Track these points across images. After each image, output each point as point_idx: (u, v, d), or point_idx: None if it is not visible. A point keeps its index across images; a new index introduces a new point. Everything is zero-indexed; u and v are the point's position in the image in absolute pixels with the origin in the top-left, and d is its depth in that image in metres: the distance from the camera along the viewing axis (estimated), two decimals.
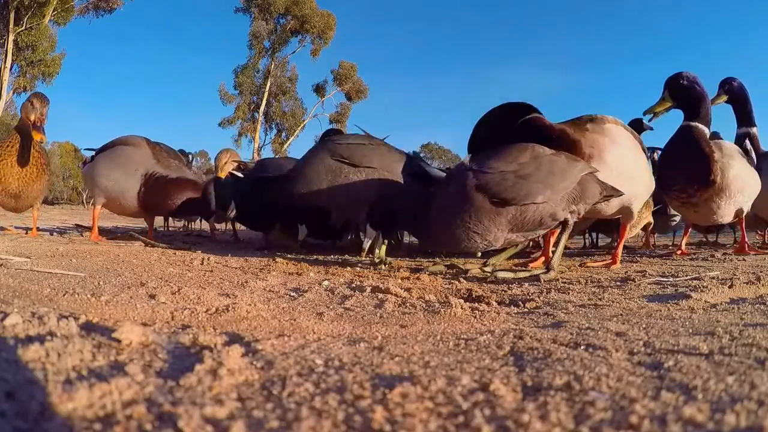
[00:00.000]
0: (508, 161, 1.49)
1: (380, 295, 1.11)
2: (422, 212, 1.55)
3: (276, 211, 2.29)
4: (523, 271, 1.57)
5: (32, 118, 2.31)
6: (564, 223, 1.55)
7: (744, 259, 1.97)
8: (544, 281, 1.42)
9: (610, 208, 1.76)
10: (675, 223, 3.17)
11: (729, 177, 2.06)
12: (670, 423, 0.37)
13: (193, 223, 4.54)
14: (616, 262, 1.83)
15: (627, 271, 1.63)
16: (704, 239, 3.74)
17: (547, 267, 1.52)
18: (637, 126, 2.73)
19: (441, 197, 1.53)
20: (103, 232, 2.88)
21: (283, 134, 22.49)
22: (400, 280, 1.41)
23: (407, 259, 2.11)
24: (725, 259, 2.03)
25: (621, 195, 1.68)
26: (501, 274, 1.49)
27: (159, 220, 4.45)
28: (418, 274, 1.49)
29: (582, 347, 0.60)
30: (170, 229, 4.22)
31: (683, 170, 2.15)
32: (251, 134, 21.70)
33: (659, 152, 2.43)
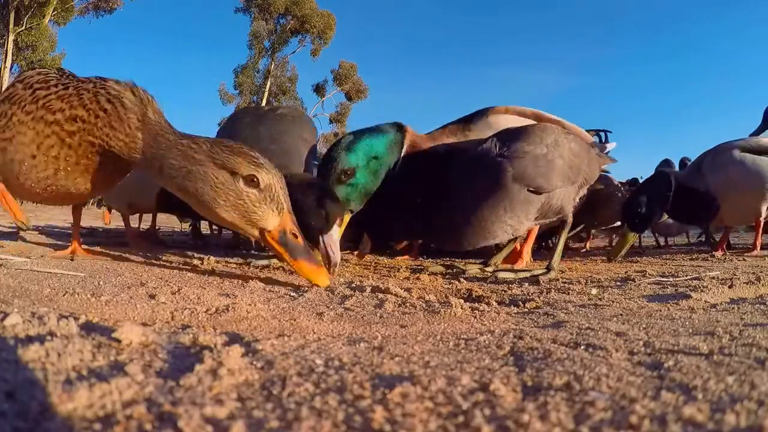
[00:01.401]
0: (536, 143, 1.38)
1: (380, 295, 1.11)
2: (436, 211, 1.37)
3: None
4: (524, 271, 1.57)
5: (275, 226, 1.05)
6: (564, 222, 1.56)
7: (744, 259, 1.97)
8: (543, 282, 1.42)
9: None
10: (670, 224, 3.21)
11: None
12: (670, 423, 0.37)
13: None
14: (519, 261, 1.79)
15: (627, 271, 1.63)
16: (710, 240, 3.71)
17: (548, 267, 1.53)
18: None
19: (466, 189, 1.36)
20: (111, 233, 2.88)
21: None
22: (400, 280, 1.41)
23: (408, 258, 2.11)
24: (725, 259, 2.03)
25: (614, 161, 1.70)
26: (502, 275, 1.49)
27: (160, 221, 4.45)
28: (418, 274, 1.49)
29: (582, 347, 0.60)
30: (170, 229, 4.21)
31: None
32: None
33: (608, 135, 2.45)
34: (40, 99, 1.04)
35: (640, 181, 3.04)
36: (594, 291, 1.21)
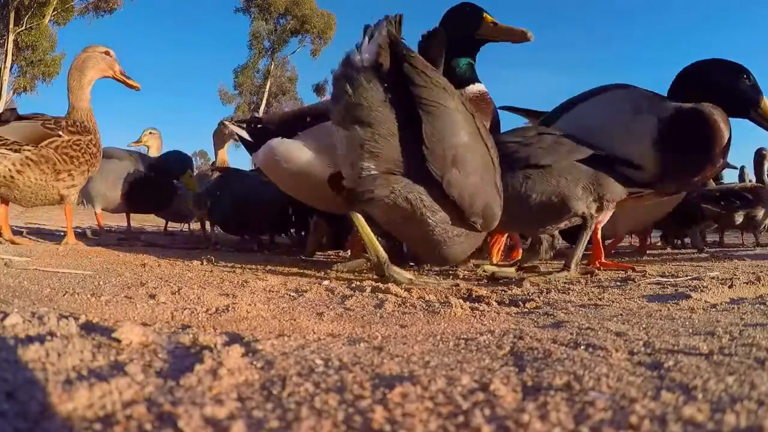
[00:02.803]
0: None
1: (380, 295, 1.11)
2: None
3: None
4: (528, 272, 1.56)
5: (116, 69, 1.94)
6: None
7: (744, 259, 1.97)
8: (533, 282, 1.40)
9: None
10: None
11: None
12: (670, 423, 0.37)
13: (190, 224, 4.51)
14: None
15: (627, 271, 1.62)
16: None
17: (564, 265, 1.49)
18: None
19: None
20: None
21: None
22: None
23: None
24: (725, 259, 2.03)
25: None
26: (501, 273, 1.48)
27: (159, 221, 4.44)
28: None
29: (582, 347, 0.60)
30: (169, 229, 4.21)
31: None
32: None
33: None
34: None
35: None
36: (594, 291, 1.21)
